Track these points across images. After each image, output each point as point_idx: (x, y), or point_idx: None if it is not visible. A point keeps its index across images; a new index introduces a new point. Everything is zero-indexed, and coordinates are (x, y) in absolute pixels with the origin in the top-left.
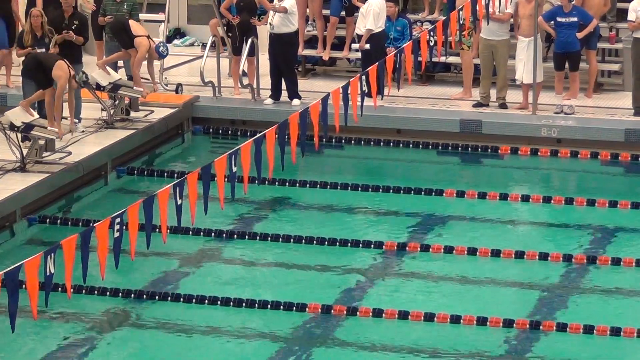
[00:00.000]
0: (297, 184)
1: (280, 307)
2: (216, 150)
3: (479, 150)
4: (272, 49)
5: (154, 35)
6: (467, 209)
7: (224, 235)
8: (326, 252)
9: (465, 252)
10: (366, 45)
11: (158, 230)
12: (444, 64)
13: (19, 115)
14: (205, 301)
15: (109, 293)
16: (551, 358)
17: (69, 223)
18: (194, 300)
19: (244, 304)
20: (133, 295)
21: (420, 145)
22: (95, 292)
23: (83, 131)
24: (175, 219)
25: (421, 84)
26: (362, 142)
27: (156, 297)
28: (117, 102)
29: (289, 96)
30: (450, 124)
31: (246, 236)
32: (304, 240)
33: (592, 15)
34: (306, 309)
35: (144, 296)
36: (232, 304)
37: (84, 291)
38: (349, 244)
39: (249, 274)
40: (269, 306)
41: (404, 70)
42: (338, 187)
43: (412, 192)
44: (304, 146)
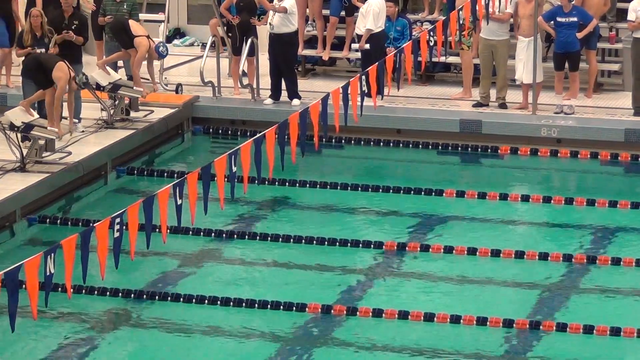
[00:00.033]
0: (297, 184)
1: (280, 307)
2: (216, 150)
3: (479, 150)
4: (272, 49)
5: (154, 35)
6: (467, 209)
7: (224, 235)
8: (326, 252)
9: (465, 252)
10: (366, 45)
11: (158, 230)
12: (443, 64)
13: (19, 115)
14: (205, 301)
15: (109, 293)
16: (551, 358)
17: (69, 223)
18: (194, 300)
19: (244, 304)
20: (133, 295)
21: (420, 145)
22: (95, 292)
23: (83, 131)
24: (175, 219)
25: (421, 84)
26: (362, 142)
27: (156, 297)
28: (117, 102)
29: (288, 96)
30: (450, 124)
31: (246, 236)
32: (304, 240)
33: (592, 15)
34: (306, 309)
35: (144, 296)
36: (232, 304)
37: (84, 291)
38: (349, 244)
39: (249, 274)
40: (269, 306)
41: (404, 70)
42: (338, 187)
43: (412, 192)
44: (304, 146)
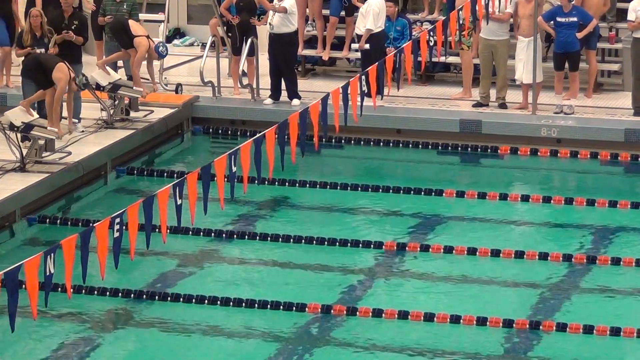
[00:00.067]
0: (297, 184)
1: (280, 307)
2: (216, 150)
3: (479, 150)
4: (272, 49)
5: (154, 35)
6: (467, 209)
7: (223, 235)
8: (326, 252)
9: (465, 252)
10: (366, 45)
11: (158, 230)
12: (443, 64)
13: (18, 115)
14: (205, 301)
15: (108, 293)
16: (551, 358)
17: (69, 223)
18: (194, 300)
19: (243, 304)
20: (133, 295)
21: (420, 145)
22: (95, 292)
23: (83, 131)
24: (175, 219)
25: (421, 84)
26: (362, 142)
27: (156, 297)
28: (117, 102)
29: (288, 96)
30: (450, 124)
31: (246, 236)
32: (303, 240)
33: (592, 15)
34: (306, 309)
35: (144, 296)
36: (232, 304)
37: (83, 291)
38: (349, 244)
39: (249, 274)
40: (268, 306)
41: (404, 70)
42: (338, 187)
43: (412, 192)
44: (304, 146)
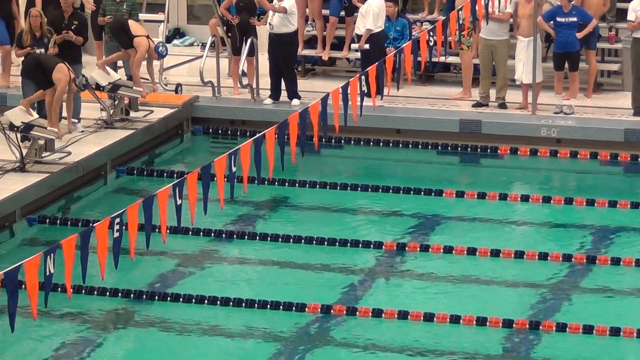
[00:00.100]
0: (297, 184)
1: (280, 307)
2: (216, 150)
3: (479, 150)
4: (272, 49)
5: (154, 35)
6: (467, 209)
7: (223, 235)
8: (326, 252)
9: (465, 252)
10: (366, 45)
11: (158, 230)
12: (443, 64)
13: (18, 115)
14: (205, 301)
15: (108, 293)
16: (551, 358)
17: (69, 223)
18: (194, 300)
19: (243, 304)
20: (133, 295)
21: (420, 145)
22: (95, 292)
23: (83, 131)
24: (174, 219)
25: (421, 84)
26: (362, 142)
27: (156, 297)
28: (117, 102)
29: (288, 96)
30: (450, 124)
31: (246, 236)
32: (303, 240)
33: (592, 15)
34: (306, 309)
35: (144, 296)
36: (232, 304)
37: (83, 291)
38: (349, 244)
39: (249, 274)
40: (268, 306)
41: (404, 70)
42: (338, 187)
43: (412, 192)
44: (304, 146)
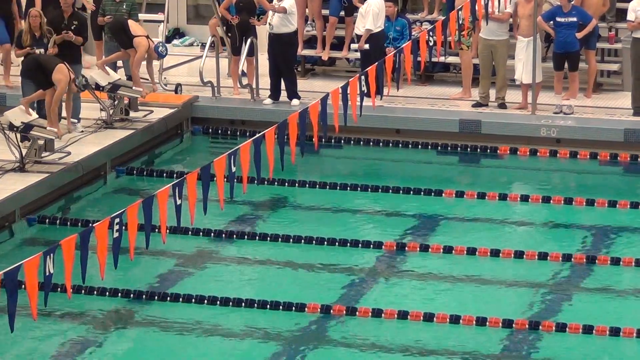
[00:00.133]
0: (297, 184)
1: (280, 307)
2: (215, 150)
3: (478, 150)
4: (272, 49)
5: (154, 35)
6: (467, 209)
7: (223, 235)
8: (326, 252)
9: (464, 252)
10: (365, 45)
11: (157, 230)
12: (443, 64)
13: (18, 116)
14: (205, 301)
15: (108, 293)
16: (551, 358)
17: (69, 223)
18: (194, 300)
19: (243, 304)
20: (132, 295)
21: (420, 146)
22: (94, 292)
23: (82, 131)
24: (174, 219)
25: (420, 84)
26: (362, 142)
27: (155, 297)
28: (117, 102)
29: (288, 96)
30: (450, 124)
31: (246, 236)
32: (303, 240)
33: (592, 15)
34: (306, 309)
35: (144, 296)
36: (232, 304)
37: (83, 291)
38: (349, 244)
39: (249, 274)
40: (268, 306)
41: (403, 70)
42: (337, 187)
43: (412, 192)
44: (304, 146)
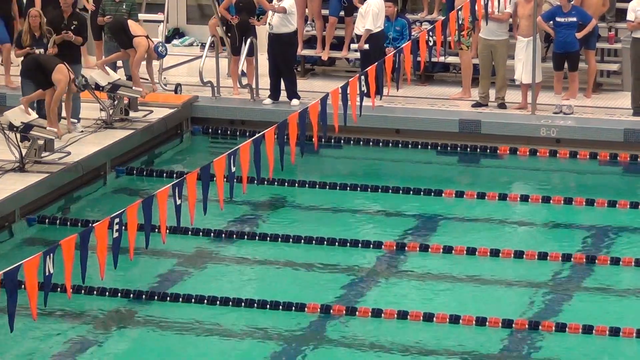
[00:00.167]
0: (297, 184)
1: (280, 307)
2: (215, 150)
3: (478, 150)
4: (271, 49)
5: (153, 35)
6: (466, 209)
7: (223, 235)
8: (326, 252)
9: (464, 252)
10: (365, 46)
11: (157, 230)
12: (443, 64)
13: (18, 116)
14: (205, 301)
15: (108, 293)
16: (550, 358)
17: (68, 223)
18: (194, 300)
19: (243, 304)
20: (132, 295)
21: (419, 146)
22: (94, 292)
23: (82, 131)
24: (174, 219)
25: (420, 84)
26: (361, 142)
27: (155, 297)
28: (116, 102)
29: (288, 96)
30: (449, 124)
31: (245, 236)
32: (303, 240)
33: (591, 15)
34: (306, 309)
35: (143, 296)
36: (232, 303)
37: (83, 291)
38: (349, 244)
39: (249, 274)
40: (268, 306)
41: (403, 70)
42: (337, 187)
43: (412, 192)
44: (303, 146)
